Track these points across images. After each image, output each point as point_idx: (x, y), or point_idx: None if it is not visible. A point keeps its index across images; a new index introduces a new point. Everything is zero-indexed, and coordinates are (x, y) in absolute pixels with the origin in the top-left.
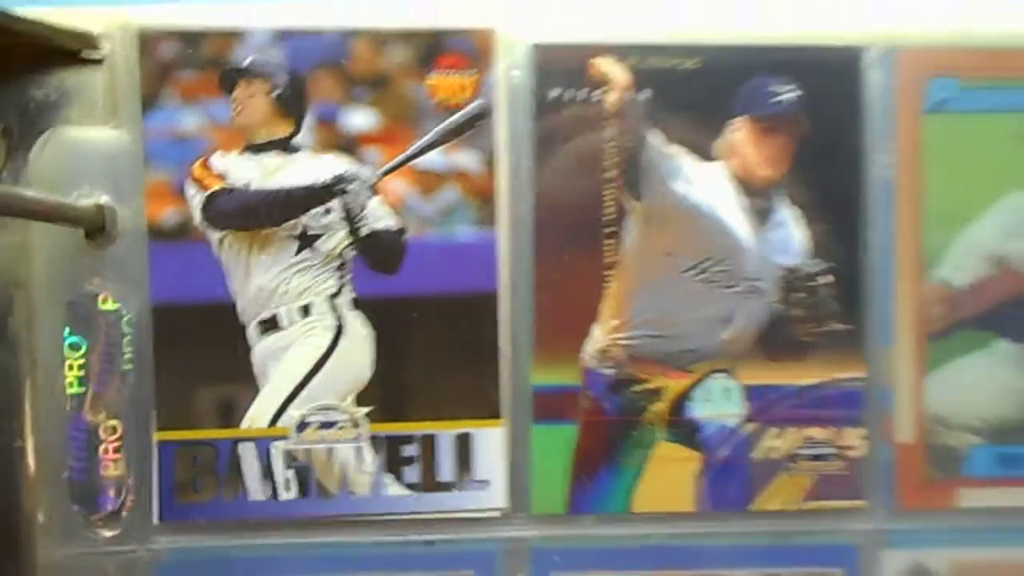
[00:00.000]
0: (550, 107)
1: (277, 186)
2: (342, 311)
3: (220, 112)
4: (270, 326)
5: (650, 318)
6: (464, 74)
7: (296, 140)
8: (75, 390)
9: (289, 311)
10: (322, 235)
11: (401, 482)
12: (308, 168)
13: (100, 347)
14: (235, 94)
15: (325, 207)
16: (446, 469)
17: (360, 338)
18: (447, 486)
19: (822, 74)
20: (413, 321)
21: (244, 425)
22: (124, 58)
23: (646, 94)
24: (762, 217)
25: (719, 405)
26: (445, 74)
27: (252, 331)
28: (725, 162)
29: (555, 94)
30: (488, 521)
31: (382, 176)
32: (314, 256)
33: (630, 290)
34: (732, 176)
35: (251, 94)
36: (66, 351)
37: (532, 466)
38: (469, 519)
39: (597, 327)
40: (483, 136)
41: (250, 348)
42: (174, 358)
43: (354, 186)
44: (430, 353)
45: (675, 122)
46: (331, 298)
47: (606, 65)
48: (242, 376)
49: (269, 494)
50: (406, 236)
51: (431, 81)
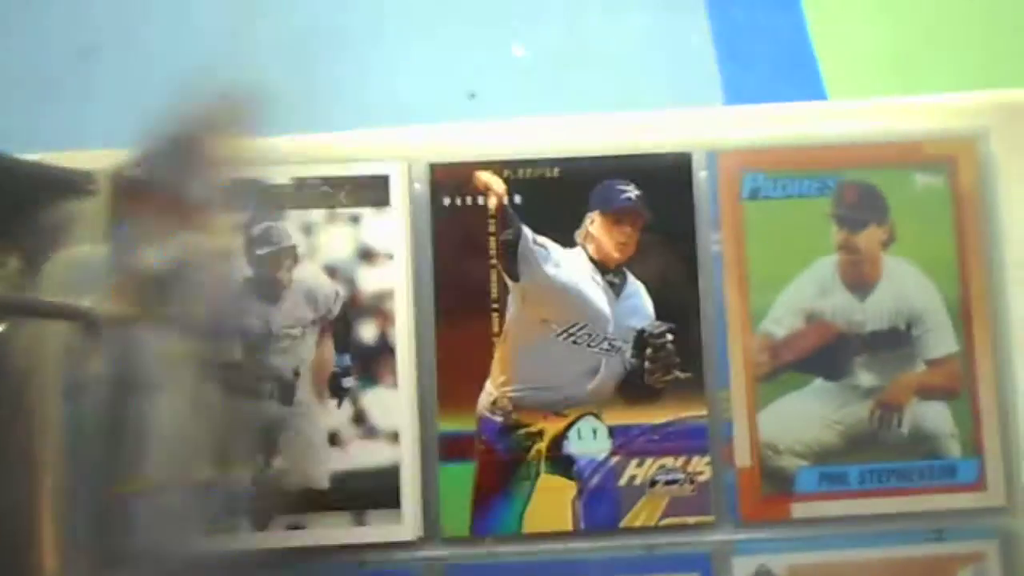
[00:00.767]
0: (445, 211)
1: None
2: None
3: None
4: None
5: (530, 374)
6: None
7: None
8: None
9: None
10: None
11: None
12: None
13: None
14: None
15: None
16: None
17: None
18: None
19: (659, 175)
20: None
21: None
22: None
23: (519, 198)
24: (616, 290)
25: (589, 443)
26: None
27: None
28: (584, 248)
29: (448, 201)
30: (407, 545)
31: None
32: None
33: (514, 352)
34: (590, 259)
35: None
36: None
37: (440, 498)
38: (392, 543)
39: (489, 382)
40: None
41: None
42: None
43: None
44: None
45: (543, 218)
46: None
47: (486, 177)
48: None
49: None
50: None
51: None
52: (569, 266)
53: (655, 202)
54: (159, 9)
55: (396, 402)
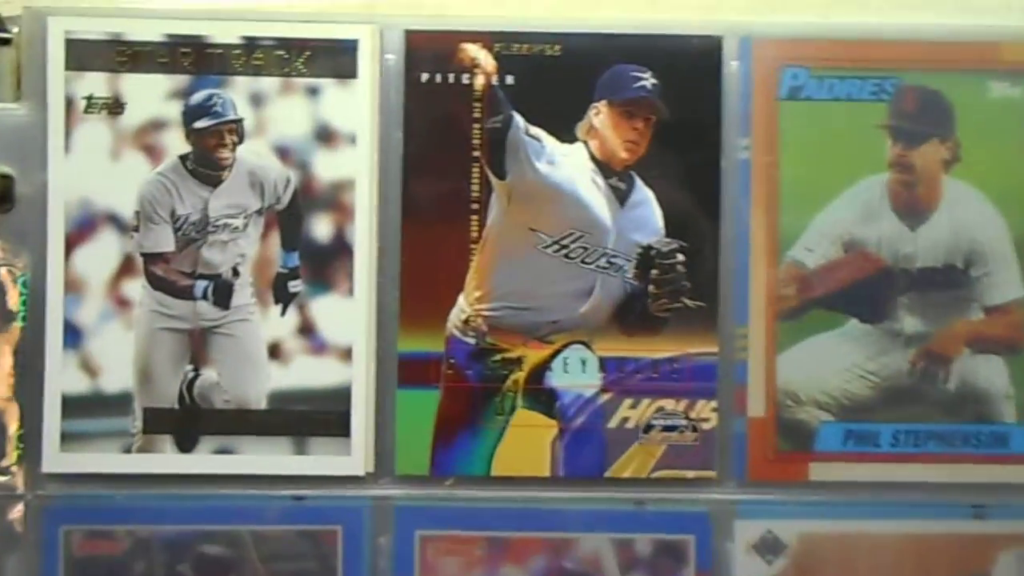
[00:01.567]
0: (422, 89)
1: None
2: None
3: None
4: None
5: (512, 290)
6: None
7: None
8: None
9: None
10: None
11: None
12: None
13: None
14: None
15: None
16: None
17: None
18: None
19: (681, 61)
20: None
21: None
22: (30, 38)
23: (511, 78)
24: (621, 197)
25: (576, 375)
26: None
27: None
28: (586, 144)
29: (425, 77)
30: (354, 480)
31: None
32: None
33: (493, 263)
34: (592, 157)
35: None
36: None
37: (397, 428)
38: (337, 477)
39: (462, 297)
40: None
41: None
42: None
43: None
44: None
45: (538, 106)
46: None
47: (473, 51)
48: None
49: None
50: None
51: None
52: (566, 164)
53: (674, 94)
54: None
55: (350, 313)
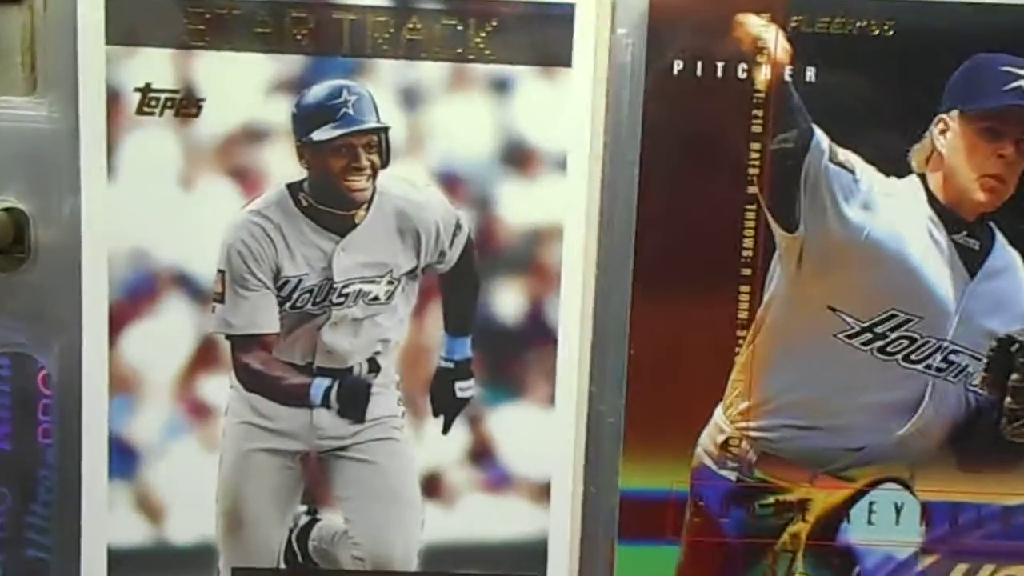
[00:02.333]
0: (671, 85)
1: None
2: None
3: None
4: None
5: (797, 400)
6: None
7: None
8: None
9: None
10: None
11: None
12: None
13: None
14: None
15: None
16: None
17: None
18: None
19: None
20: None
21: None
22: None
23: (812, 72)
24: (972, 262)
25: (887, 528)
26: None
27: None
28: (923, 179)
29: (679, 67)
30: None
31: None
32: None
33: (771, 359)
34: (932, 200)
35: None
36: None
37: None
38: None
39: (719, 410)
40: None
41: None
42: None
43: None
44: None
45: (852, 116)
46: None
47: (756, 26)
48: None
49: None
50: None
51: None
52: (892, 210)
53: None
54: None
55: (549, 431)
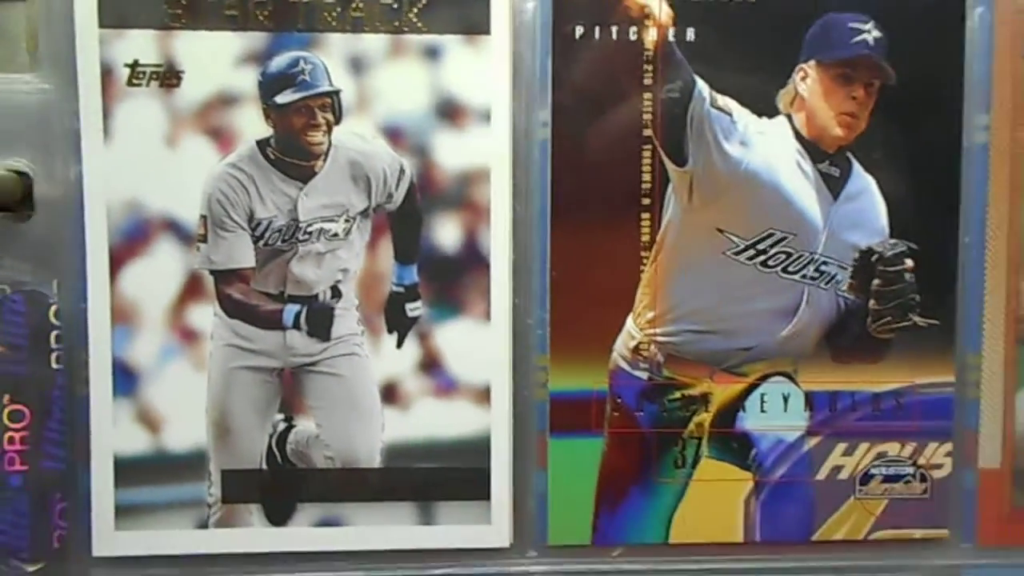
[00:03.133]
0: (574, 47)
1: None
2: None
3: None
4: None
5: (694, 309)
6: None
7: None
8: None
9: None
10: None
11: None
12: None
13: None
14: None
15: None
16: None
17: None
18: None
19: (913, 7)
20: None
21: None
22: None
23: (692, 32)
24: (834, 187)
25: (776, 415)
26: None
27: None
28: (790, 118)
29: (579, 31)
30: (496, 554)
31: None
32: None
33: (670, 275)
34: (798, 135)
35: None
36: None
37: (549, 489)
38: (473, 550)
39: (630, 319)
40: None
41: None
42: None
43: None
44: None
45: (728, 68)
46: None
47: None
48: None
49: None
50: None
51: None
52: (764, 145)
53: (903, 50)
54: None
55: (487, 342)
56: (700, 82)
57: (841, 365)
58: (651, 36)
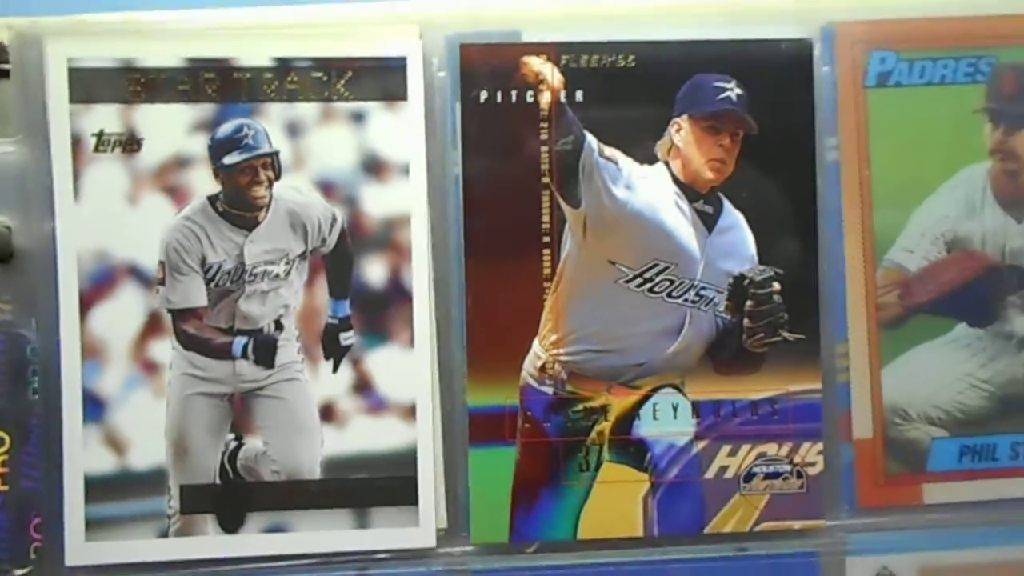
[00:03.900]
0: (481, 110)
1: None
2: None
3: None
4: None
5: (592, 331)
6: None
7: None
8: None
9: None
10: None
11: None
12: None
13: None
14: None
15: None
16: None
17: None
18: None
19: (769, 68)
20: None
21: None
22: (27, 66)
23: (581, 94)
24: (708, 222)
25: (667, 423)
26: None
27: None
28: (667, 165)
29: (484, 96)
30: (425, 553)
31: None
32: None
33: (570, 302)
34: (675, 179)
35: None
36: None
37: (470, 493)
38: (405, 550)
39: (536, 342)
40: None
41: None
42: None
43: None
44: None
45: (612, 124)
46: None
47: (537, 65)
48: None
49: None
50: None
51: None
52: (646, 188)
53: (763, 104)
54: None
55: (411, 366)
56: (589, 136)
57: (723, 376)
58: (546, 98)
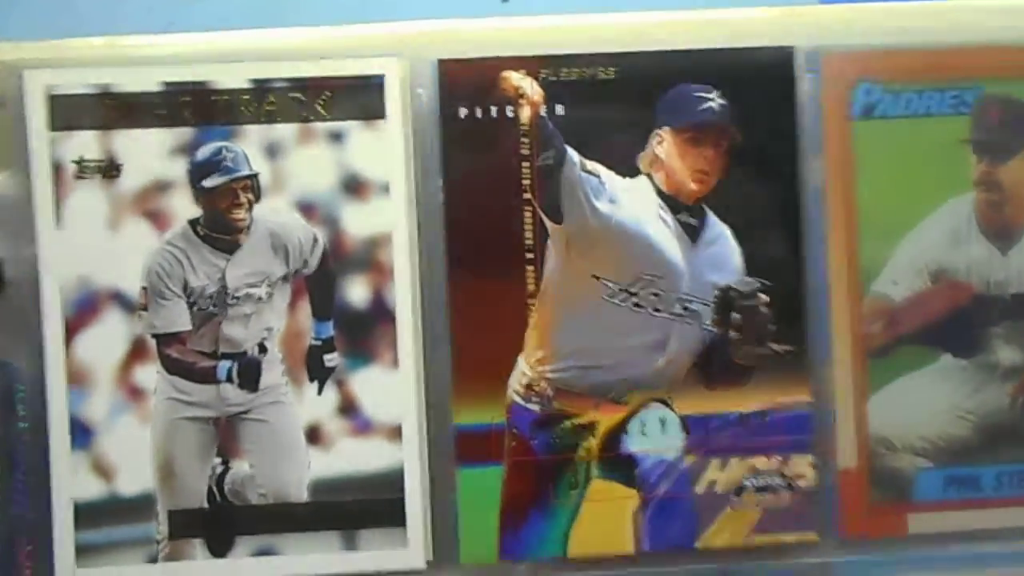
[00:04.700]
0: (460, 126)
1: None
2: None
3: None
4: None
5: (578, 348)
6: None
7: None
8: None
9: None
10: None
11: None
12: None
13: None
14: None
15: None
16: None
17: None
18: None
19: (750, 77)
20: None
21: None
22: (6, 96)
23: (561, 108)
24: (693, 234)
25: (656, 438)
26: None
27: None
28: (650, 177)
29: (464, 112)
30: (414, 574)
31: None
32: None
33: (555, 318)
34: (659, 191)
35: None
36: None
37: (458, 512)
38: (394, 572)
39: (522, 359)
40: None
41: None
42: None
43: None
44: None
45: (593, 137)
46: None
47: (517, 79)
48: None
49: None
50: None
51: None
52: (630, 201)
53: (745, 114)
54: None
55: (397, 386)
56: (570, 150)
57: (711, 390)
58: (526, 113)
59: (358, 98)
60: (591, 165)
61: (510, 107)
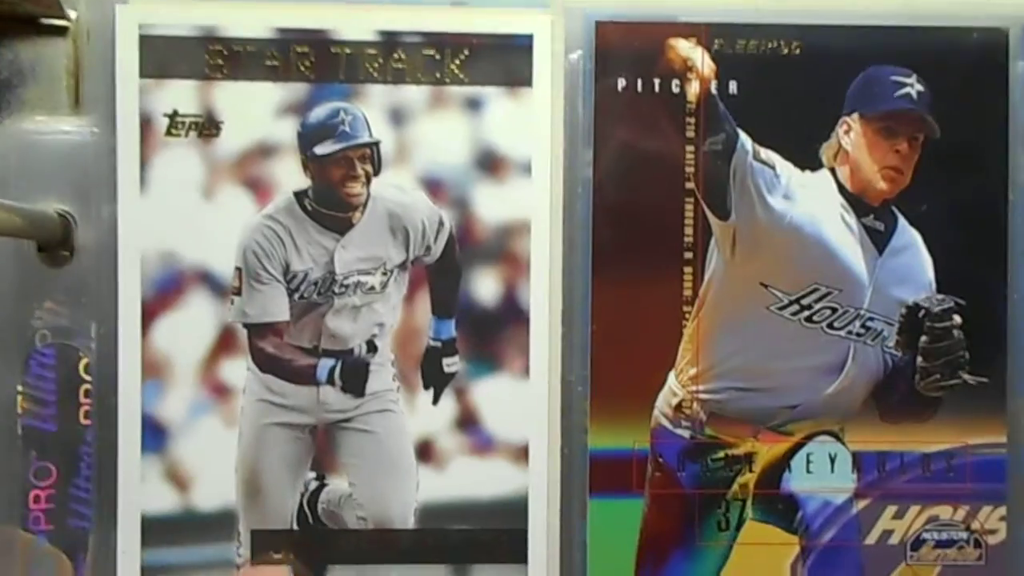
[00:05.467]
0: (617, 100)
1: None
2: None
3: None
4: None
5: (738, 365)
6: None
7: None
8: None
9: None
10: None
11: None
12: None
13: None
14: None
15: None
16: None
17: None
18: None
19: (955, 62)
20: None
21: None
22: (93, 33)
23: (735, 86)
24: (879, 241)
25: (823, 477)
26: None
27: None
28: (833, 172)
29: (622, 84)
30: None
31: None
32: None
33: (713, 330)
34: (842, 189)
35: None
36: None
37: (588, 550)
38: None
39: (672, 376)
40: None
41: None
42: None
43: None
44: None
45: (771, 121)
46: None
47: (685, 49)
48: None
49: None
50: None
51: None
52: (808, 199)
53: (948, 105)
54: None
55: (526, 400)
56: (743, 135)
57: (889, 424)
58: (694, 89)
59: (502, 60)
60: (765, 154)
61: (676, 81)
